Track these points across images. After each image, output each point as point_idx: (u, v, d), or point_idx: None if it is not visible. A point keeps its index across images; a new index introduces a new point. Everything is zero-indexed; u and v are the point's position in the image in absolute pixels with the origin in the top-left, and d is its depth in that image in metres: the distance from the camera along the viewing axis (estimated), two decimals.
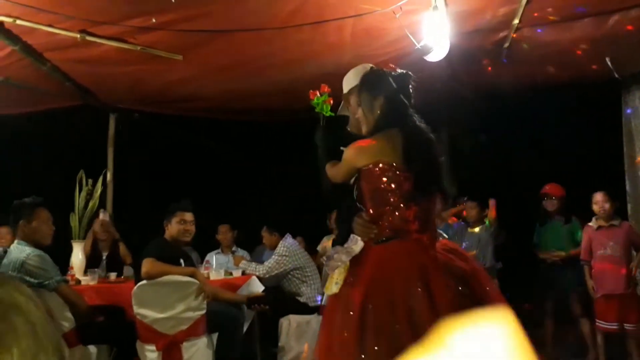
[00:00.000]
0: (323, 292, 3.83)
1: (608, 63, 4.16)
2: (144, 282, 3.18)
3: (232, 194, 6.12)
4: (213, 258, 4.89)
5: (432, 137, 2.04)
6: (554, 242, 4.42)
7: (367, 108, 2.09)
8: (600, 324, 3.95)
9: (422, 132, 2.03)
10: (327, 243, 4.83)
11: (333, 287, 1.98)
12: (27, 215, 3.20)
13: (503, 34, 3.70)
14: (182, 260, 3.48)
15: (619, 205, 4.14)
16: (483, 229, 4.36)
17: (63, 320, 3.08)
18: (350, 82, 2.32)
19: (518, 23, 3.45)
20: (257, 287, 3.85)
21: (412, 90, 2.11)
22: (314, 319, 4.11)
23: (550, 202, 4.45)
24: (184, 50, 3.62)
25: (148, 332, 3.19)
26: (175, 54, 3.64)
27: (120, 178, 5.34)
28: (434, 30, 3.09)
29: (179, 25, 3.23)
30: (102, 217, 4.47)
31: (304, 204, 5.00)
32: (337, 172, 2.13)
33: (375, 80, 2.11)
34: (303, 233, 5.11)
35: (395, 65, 2.21)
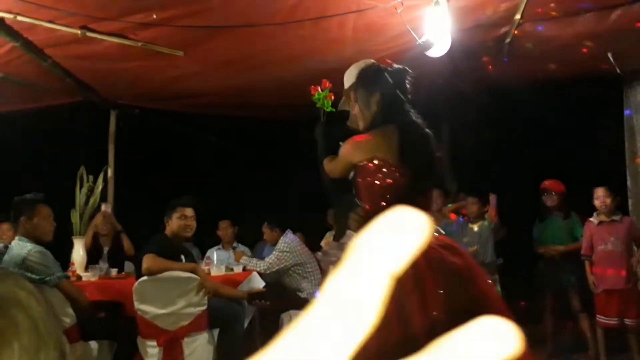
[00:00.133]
0: None
1: (610, 58, 4.15)
2: (145, 278, 3.19)
3: (233, 190, 6.12)
4: (214, 254, 4.89)
5: (428, 132, 2.03)
6: (553, 237, 4.42)
7: (363, 104, 2.08)
8: (601, 319, 3.95)
9: (418, 128, 2.02)
10: (329, 239, 4.83)
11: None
12: (28, 212, 3.19)
13: (504, 30, 3.69)
14: (182, 256, 3.49)
15: (620, 201, 4.14)
16: (483, 225, 4.35)
17: (64, 316, 3.09)
18: (351, 77, 2.31)
19: (520, 18, 3.44)
20: (258, 283, 3.86)
21: (409, 86, 2.09)
22: None
23: (550, 197, 4.44)
24: (185, 46, 3.61)
25: (149, 328, 3.20)
26: (176, 50, 3.63)
27: (121, 174, 5.33)
28: (436, 26, 3.09)
29: (180, 21, 3.23)
30: (104, 208, 4.46)
31: (305, 200, 5.00)
32: (334, 167, 2.12)
33: (372, 76, 2.09)
34: (304, 229, 5.11)
35: (397, 61, 2.20)
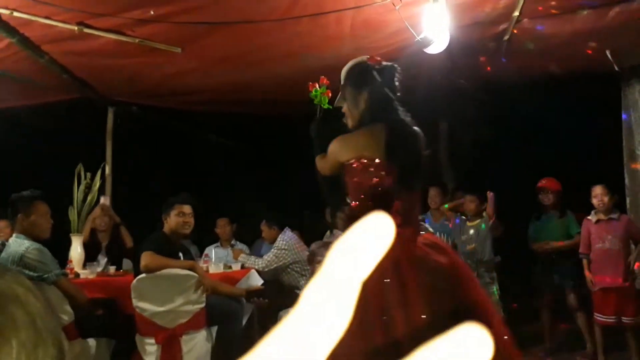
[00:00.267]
0: None
1: (608, 56, 4.15)
2: (143, 275, 3.18)
3: (231, 188, 6.11)
4: (212, 252, 4.89)
5: (416, 131, 2.01)
6: (549, 235, 4.44)
7: (351, 102, 2.07)
8: (598, 317, 3.96)
9: (406, 126, 2.00)
10: None
11: None
12: (25, 209, 3.18)
13: (503, 27, 3.68)
14: (181, 254, 3.48)
15: (618, 199, 4.14)
16: (481, 223, 4.35)
17: (62, 314, 3.08)
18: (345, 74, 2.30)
19: (518, 15, 3.44)
20: (256, 280, 3.85)
21: (398, 83, 2.07)
22: None
23: (546, 196, 4.46)
24: (183, 43, 3.60)
25: (147, 325, 3.19)
26: (174, 47, 3.62)
27: (119, 171, 5.32)
28: (434, 23, 3.08)
29: (178, 18, 3.21)
30: (102, 201, 4.44)
31: (304, 198, 4.99)
32: (324, 165, 2.11)
33: (359, 75, 2.07)
34: (302, 227, 5.10)
35: (395, 58, 2.19)
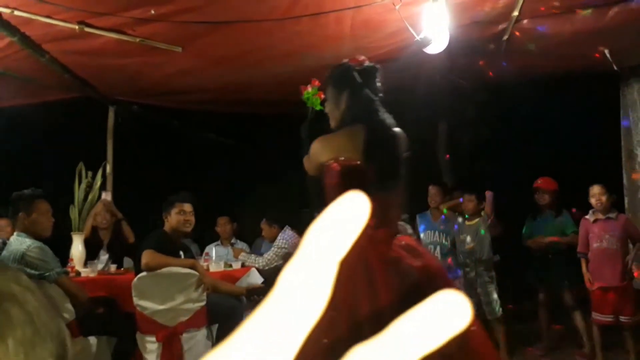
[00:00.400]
0: None
1: (607, 56, 4.16)
2: (144, 273, 3.20)
3: (231, 186, 6.13)
4: (212, 250, 4.90)
5: (397, 132, 2.01)
6: (545, 235, 4.46)
7: (333, 103, 2.07)
8: (596, 317, 3.97)
9: (386, 127, 2.00)
10: None
11: None
12: (26, 207, 3.19)
13: (502, 26, 3.69)
14: (181, 252, 3.49)
15: (616, 198, 4.16)
16: (480, 222, 4.36)
17: (63, 312, 3.09)
18: None
19: (517, 15, 3.45)
20: (256, 279, 3.87)
21: (379, 84, 2.07)
22: None
23: (542, 196, 4.49)
24: (183, 42, 3.61)
25: (148, 323, 3.21)
26: (175, 46, 3.63)
27: (120, 170, 5.34)
28: (434, 22, 3.09)
29: (178, 17, 3.22)
30: (104, 196, 4.44)
31: (304, 197, 5.00)
32: (309, 166, 2.11)
33: (340, 76, 2.08)
34: (302, 226, 5.11)
35: (395, 58, 2.20)
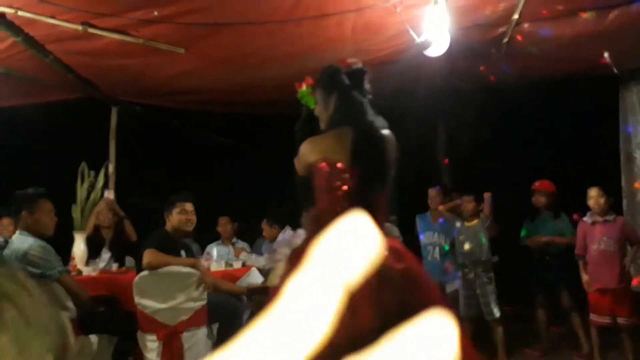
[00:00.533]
0: None
1: (607, 58, 4.18)
2: (145, 272, 3.21)
3: (232, 186, 6.15)
4: (213, 250, 4.92)
5: (385, 134, 2.01)
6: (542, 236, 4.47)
7: (322, 105, 2.09)
8: (594, 318, 3.99)
9: (374, 129, 2.00)
10: None
11: (275, 279, 1.99)
12: (29, 206, 3.20)
13: (502, 29, 3.72)
14: (183, 252, 3.51)
15: (614, 201, 4.17)
16: (478, 223, 4.38)
17: (65, 311, 3.11)
18: None
19: (518, 18, 3.47)
20: (256, 278, 3.88)
21: (369, 86, 2.07)
22: None
23: (539, 198, 4.50)
24: (186, 43, 3.63)
25: (149, 322, 3.22)
26: (177, 47, 3.65)
27: (122, 170, 5.36)
28: (434, 25, 3.11)
29: (181, 18, 3.25)
30: (106, 195, 4.46)
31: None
32: (299, 166, 2.12)
33: (328, 78, 2.09)
34: (302, 226, 5.12)
35: (396, 60, 2.22)
